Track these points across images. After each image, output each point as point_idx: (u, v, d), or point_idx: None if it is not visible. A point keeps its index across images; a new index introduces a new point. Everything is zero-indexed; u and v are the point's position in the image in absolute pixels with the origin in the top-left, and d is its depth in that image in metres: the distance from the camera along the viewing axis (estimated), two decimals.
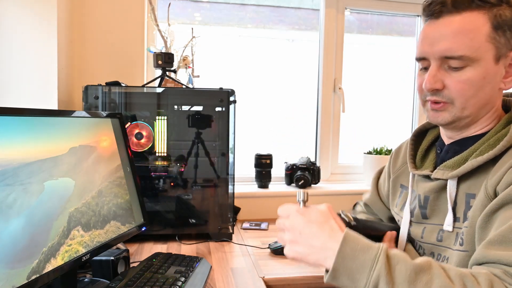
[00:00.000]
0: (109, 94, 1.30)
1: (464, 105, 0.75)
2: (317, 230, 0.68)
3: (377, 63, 2.09)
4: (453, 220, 0.78)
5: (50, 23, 1.34)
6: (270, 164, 1.75)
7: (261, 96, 1.98)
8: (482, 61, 0.72)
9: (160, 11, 1.61)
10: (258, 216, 1.69)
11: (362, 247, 0.64)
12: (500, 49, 0.73)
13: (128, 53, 1.57)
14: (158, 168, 1.33)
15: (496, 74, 0.74)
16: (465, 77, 0.73)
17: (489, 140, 0.75)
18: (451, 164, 0.79)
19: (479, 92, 0.74)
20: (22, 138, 0.75)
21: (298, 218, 0.71)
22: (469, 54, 0.72)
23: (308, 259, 0.68)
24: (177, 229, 1.34)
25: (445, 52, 0.73)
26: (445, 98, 0.76)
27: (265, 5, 1.99)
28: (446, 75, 0.75)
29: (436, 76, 0.75)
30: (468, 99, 0.75)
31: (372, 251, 0.63)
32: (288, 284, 1.07)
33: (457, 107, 0.76)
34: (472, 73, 0.73)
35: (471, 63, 0.73)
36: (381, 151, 1.87)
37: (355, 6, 1.91)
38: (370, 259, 0.62)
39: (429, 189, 0.84)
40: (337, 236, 0.66)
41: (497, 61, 0.74)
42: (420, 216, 0.87)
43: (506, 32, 0.73)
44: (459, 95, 0.75)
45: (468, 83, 0.73)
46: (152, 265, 1.01)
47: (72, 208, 0.84)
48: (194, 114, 1.33)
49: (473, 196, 0.75)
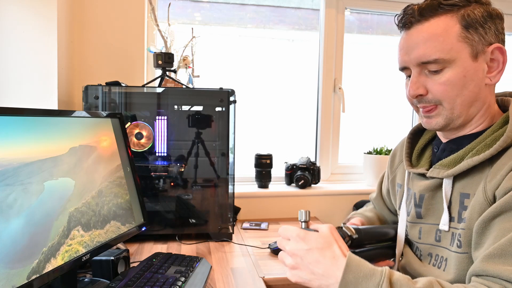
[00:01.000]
0: (109, 94, 1.30)
1: (451, 105, 0.76)
2: (318, 256, 0.68)
3: (377, 63, 2.09)
4: (448, 220, 0.78)
5: (50, 23, 1.34)
6: (270, 164, 1.75)
7: (261, 96, 1.98)
8: (458, 60, 0.74)
9: (160, 11, 1.61)
10: (258, 216, 1.69)
11: (364, 274, 0.64)
12: (475, 46, 0.74)
13: (128, 53, 1.57)
14: (158, 168, 1.33)
15: (476, 71, 0.75)
16: (445, 78, 0.75)
17: (486, 140, 0.75)
18: (447, 163, 0.80)
19: (463, 90, 0.75)
20: (22, 138, 0.75)
21: (299, 244, 0.71)
22: (443, 56, 0.74)
23: (311, 284, 0.69)
24: (177, 229, 1.34)
25: (420, 58, 0.76)
26: (431, 102, 0.78)
27: (265, 5, 1.99)
28: (427, 80, 0.77)
29: (418, 82, 0.78)
30: (453, 99, 0.76)
31: (375, 278, 0.63)
32: (288, 284, 1.07)
33: (446, 108, 0.77)
34: (450, 73, 0.74)
35: (447, 64, 0.74)
36: (381, 151, 1.87)
37: (355, 6, 1.91)
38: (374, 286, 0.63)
39: (425, 188, 0.85)
40: (339, 263, 0.66)
41: (475, 58, 0.74)
42: (415, 216, 0.87)
43: (478, 29, 0.74)
44: (444, 97, 0.76)
45: (449, 84, 0.75)
46: (152, 265, 1.01)
47: (72, 208, 0.84)
48: (194, 114, 1.33)
49: (467, 196, 0.75)
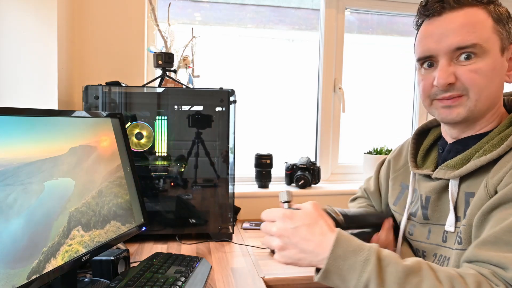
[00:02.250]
0: (109, 94, 1.30)
1: (478, 97, 0.74)
2: (307, 234, 0.67)
3: (377, 63, 2.09)
4: (455, 220, 0.77)
5: (50, 23, 1.34)
6: (270, 164, 1.75)
7: (261, 96, 1.98)
8: (491, 52, 0.73)
9: (160, 11, 1.61)
10: (258, 216, 1.67)
11: (354, 248, 0.64)
12: (503, 41, 0.74)
13: (128, 53, 1.57)
14: (158, 168, 1.33)
15: (502, 66, 0.75)
16: (477, 66, 0.73)
17: (492, 140, 0.75)
18: (453, 164, 0.79)
19: (491, 84, 0.74)
20: (22, 138, 0.75)
21: (286, 223, 0.69)
22: (481, 43, 0.72)
23: (300, 264, 0.68)
24: (177, 229, 1.34)
25: (457, 43, 0.73)
26: (459, 90, 0.75)
27: (265, 5, 1.99)
28: (457, 67, 0.74)
29: (448, 71, 0.74)
30: (481, 89, 0.73)
31: (363, 253, 0.63)
32: (288, 284, 1.07)
33: (471, 98, 0.74)
34: (482, 63, 0.73)
35: (481, 53, 0.72)
36: (381, 151, 1.87)
37: (355, 6, 1.91)
38: (361, 261, 0.62)
39: (430, 189, 0.84)
40: (328, 238, 0.65)
41: (502, 53, 0.75)
42: (422, 217, 0.86)
43: (506, 25, 0.75)
44: (473, 85, 0.73)
45: (480, 73, 0.73)
46: (152, 265, 1.01)
47: (72, 208, 0.84)
48: (194, 114, 1.33)
49: (472, 195, 0.75)
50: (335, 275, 0.64)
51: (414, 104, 2.08)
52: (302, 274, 1.09)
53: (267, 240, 0.72)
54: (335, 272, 0.63)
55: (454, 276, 0.61)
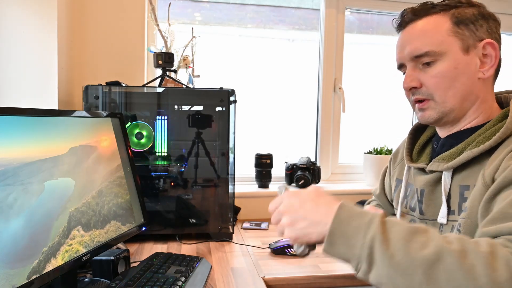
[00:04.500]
0: (109, 94, 1.30)
1: (443, 99, 0.80)
2: (313, 205, 0.68)
3: (377, 63, 2.09)
4: (447, 213, 0.79)
5: (50, 23, 1.34)
6: (270, 164, 1.75)
7: (261, 96, 1.98)
8: (449, 53, 0.78)
9: (160, 11, 1.61)
10: (258, 216, 1.69)
11: (358, 213, 0.63)
12: (465, 40, 0.78)
13: (128, 53, 1.57)
14: (158, 168, 1.33)
15: (468, 64, 0.78)
16: (437, 71, 0.79)
17: (485, 133, 0.77)
18: (446, 156, 0.81)
19: (455, 82, 0.78)
20: (22, 138, 0.75)
21: (292, 199, 0.71)
22: (433, 49, 0.78)
23: (311, 237, 0.66)
24: (177, 229, 1.34)
25: (413, 52, 0.81)
26: (425, 94, 0.82)
27: (265, 5, 1.99)
28: (421, 73, 0.82)
29: (412, 76, 0.82)
30: (445, 91, 0.79)
31: (367, 216, 0.62)
32: (288, 284, 1.07)
33: (438, 101, 0.80)
34: (442, 66, 0.79)
35: (439, 57, 0.78)
36: (381, 151, 1.87)
37: (355, 6, 1.91)
38: (365, 222, 0.61)
39: (424, 183, 0.86)
40: (333, 207, 0.65)
41: (466, 52, 0.78)
42: (419, 212, 0.88)
43: (469, 25, 0.79)
44: (436, 89, 0.80)
45: (441, 76, 0.79)
46: (152, 265, 1.01)
47: (72, 208, 0.84)
48: (194, 114, 1.33)
49: (467, 187, 0.76)
50: (340, 239, 0.62)
51: None
52: (302, 274, 1.09)
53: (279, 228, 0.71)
54: (340, 236, 0.62)
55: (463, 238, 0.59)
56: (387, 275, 0.58)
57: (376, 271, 0.59)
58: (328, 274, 1.09)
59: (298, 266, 1.15)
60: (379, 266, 0.58)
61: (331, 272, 1.10)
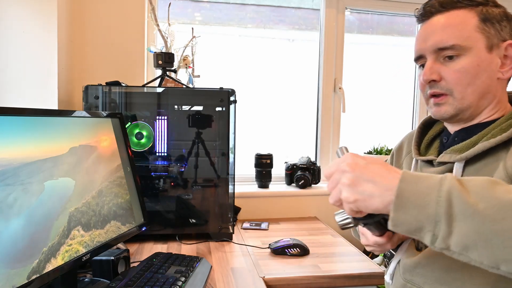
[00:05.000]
0: (109, 94, 1.30)
1: (462, 94, 0.78)
2: (381, 168, 0.60)
3: (377, 63, 2.09)
4: None
5: (50, 23, 1.34)
6: (270, 164, 1.75)
7: (261, 96, 1.98)
8: (474, 49, 0.77)
9: (160, 11, 1.61)
10: (258, 216, 1.69)
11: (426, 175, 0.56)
12: (490, 39, 0.77)
13: (128, 53, 1.57)
14: (158, 168, 1.33)
15: (490, 62, 0.78)
16: (459, 66, 0.77)
17: (501, 125, 0.77)
18: (459, 148, 0.80)
19: (475, 79, 0.77)
20: (22, 138, 0.75)
21: (358, 158, 0.62)
22: (459, 42, 0.76)
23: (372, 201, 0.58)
24: (177, 229, 1.34)
25: (437, 44, 0.78)
26: (443, 89, 0.80)
27: (265, 5, 1.99)
28: (442, 67, 0.79)
29: (433, 68, 0.79)
30: (465, 87, 0.78)
31: (436, 176, 0.55)
32: (288, 284, 1.07)
33: (456, 97, 0.79)
34: (465, 61, 0.77)
35: (463, 52, 0.77)
36: (381, 151, 1.87)
37: (355, 6, 1.91)
38: (437, 179, 0.54)
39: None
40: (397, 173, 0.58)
41: (490, 50, 0.77)
42: None
43: (495, 24, 0.78)
44: (456, 84, 0.78)
45: (463, 71, 0.77)
46: (152, 265, 1.01)
47: (72, 208, 0.84)
48: (194, 114, 1.33)
49: None
50: (410, 201, 0.54)
51: (414, 104, 2.08)
52: (302, 274, 1.09)
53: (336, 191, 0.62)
54: (409, 196, 0.54)
55: None
56: (473, 230, 0.50)
57: (459, 230, 0.50)
58: (328, 274, 1.09)
59: (298, 266, 1.15)
60: (461, 222, 0.50)
61: (331, 272, 1.10)
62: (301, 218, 1.70)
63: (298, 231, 1.51)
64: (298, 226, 1.57)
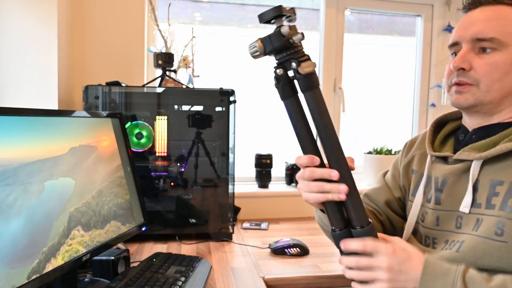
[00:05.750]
0: (109, 94, 1.30)
1: (488, 88, 0.77)
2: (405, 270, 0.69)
3: (377, 63, 2.09)
4: (471, 203, 0.77)
5: (50, 23, 1.34)
6: (270, 164, 1.75)
7: (262, 96, 1.98)
8: (511, 47, 0.76)
9: (160, 11, 1.61)
10: (258, 216, 1.69)
11: (441, 272, 0.67)
12: None
13: (128, 53, 1.57)
14: (158, 168, 1.33)
15: None
16: (493, 60, 0.76)
17: None
18: (478, 146, 0.80)
19: (505, 77, 0.77)
20: (22, 138, 0.75)
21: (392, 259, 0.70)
22: (499, 37, 0.76)
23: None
24: (177, 229, 1.34)
25: (477, 34, 0.77)
26: (470, 79, 0.79)
27: (265, 5, 1.99)
28: (475, 58, 0.78)
29: (465, 57, 0.79)
30: (493, 82, 0.77)
31: (450, 277, 0.66)
32: (288, 284, 1.07)
33: (481, 89, 0.78)
34: (500, 57, 0.76)
35: (500, 47, 0.76)
36: (381, 151, 1.87)
37: (355, 6, 1.91)
38: (449, 283, 0.66)
39: (449, 172, 0.84)
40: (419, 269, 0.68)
41: None
42: (434, 202, 0.86)
43: None
44: (485, 77, 0.77)
45: (495, 66, 0.76)
46: (152, 265, 1.01)
47: (72, 208, 0.84)
48: (194, 114, 1.33)
49: (501, 183, 0.74)
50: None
51: (414, 104, 2.08)
52: (302, 274, 1.09)
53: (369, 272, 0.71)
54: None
55: None
56: None
57: None
58: (328, 274, 1.09)
59: (298, 266, 1.15)
60: None
61: (331, 272, 1.10)
62: (301, 218, 1.70)
63: (298, 231, 1.51)
64: (298, 226, 1.57)
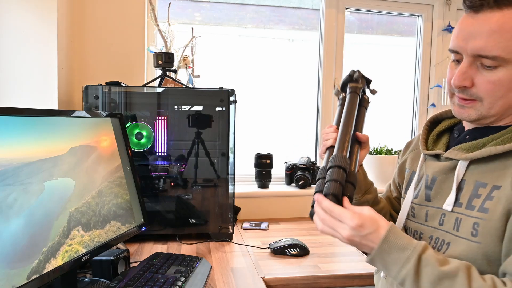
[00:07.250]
0: (109, 94, 1.30)
1: (491, 105, 0.75)
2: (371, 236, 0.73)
3: (377, 63, 2.09)
4: (454, 201, 0.78)
5: (50, 23, 1.34)
6: (270, 164, 1.75)
7: (261, 96, 1.98)
8: None
9: (160, 11, 1.61)
10: (258, 216, 1.69)
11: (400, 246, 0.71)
12: None
13: (128, 53, 1.57)
14: (158, 168, 1.33)
15: None
16: (496, 77, 0.72)
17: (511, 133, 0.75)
18: (466, 147, 0.79)
19: (509, 93, 0.73)
20: (22, 138, 0.75)
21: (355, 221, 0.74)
22: (503, 55, 0.70)
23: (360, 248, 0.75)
24: (177, 229, 1.34)
25: (478, 50, 0.72)
26: (473, 96, 0.76)
27: (265, 5, 1.99)
28: (477, 73, 0.74)
29: (466, 73, 0.74)
30: (496, 99, 0.74)
31: (406, 252, 0.69)
32: (288, 284, 1.07)
33: (484, 106, 0.75)
34: (504, 74, 0.72)
35: (504, 64, 0.71)
36: (381, 151, 1.87)
37: (355, 6, 1.91)
38: (403, 258, 0.69)
39: (439, 170, 0.84)
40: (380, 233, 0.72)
41: None
42: (424, 198, 0.87)
43: None
44: (488, 95, 0.74)
45: (498, 84, 0.72)
46: (152, 265, 1.01)
47: (72, 208, 0.84)
48: (194, 114, 1.33)
49: (484, 185, 0.74)
50: (379, 264, 0.73)
51: (414, 104, 2.08)
52: (302, 274, 1.09)
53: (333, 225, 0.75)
54: (379, 261, 0.72)
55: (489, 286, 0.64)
56: None
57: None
58: (328, 274, 1.09)
59: (298, 266, 1.15)
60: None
61: (331, 272, 1.10)
62: (301, 218, 1.70)
63: (298, 231, 1.51)
64: (298, 226, 1.57)
